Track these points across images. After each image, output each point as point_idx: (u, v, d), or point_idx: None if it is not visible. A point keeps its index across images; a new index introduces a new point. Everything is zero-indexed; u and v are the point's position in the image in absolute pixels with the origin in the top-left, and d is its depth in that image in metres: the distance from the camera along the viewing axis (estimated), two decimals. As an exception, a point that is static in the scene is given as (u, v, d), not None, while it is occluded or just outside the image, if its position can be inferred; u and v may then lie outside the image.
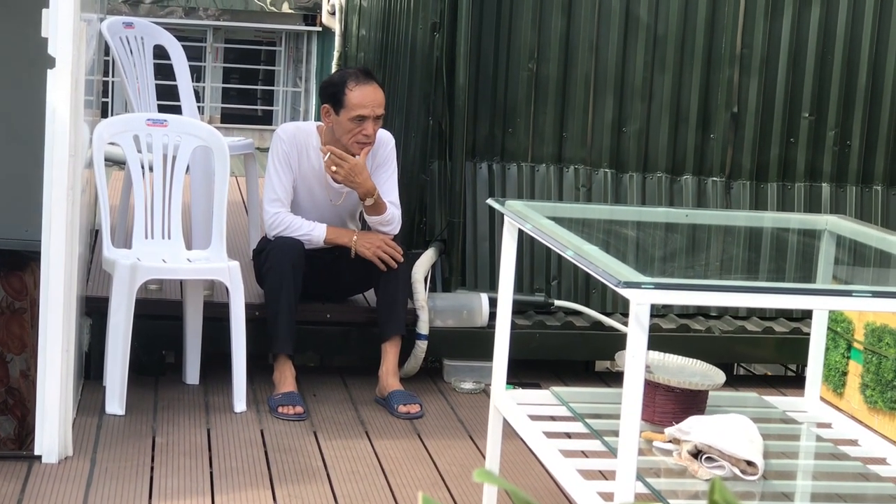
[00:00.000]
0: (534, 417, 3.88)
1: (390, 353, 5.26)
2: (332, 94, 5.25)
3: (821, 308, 4.18)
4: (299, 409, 5.04)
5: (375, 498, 4.28)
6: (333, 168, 5.12)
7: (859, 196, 6.22)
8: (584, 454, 3.65)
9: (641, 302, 3.01)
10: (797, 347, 5.59)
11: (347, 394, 5.36)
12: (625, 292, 3.04)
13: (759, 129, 6.13)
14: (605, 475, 3.37)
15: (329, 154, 5.13)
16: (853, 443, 3.92)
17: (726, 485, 3.51)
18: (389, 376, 5.24)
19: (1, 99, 6.53)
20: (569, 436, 3.77)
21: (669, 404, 3.75)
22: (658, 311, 5.64)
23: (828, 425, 4.05)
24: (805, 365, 4.37)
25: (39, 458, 4.40)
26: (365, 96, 5.16)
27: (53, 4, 4.31)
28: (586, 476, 3.42)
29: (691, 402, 3.78)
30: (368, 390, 5.31)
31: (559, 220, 3.87)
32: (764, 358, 6.07)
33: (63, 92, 4.34)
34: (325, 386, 5.40)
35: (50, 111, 4.34)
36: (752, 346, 5.90)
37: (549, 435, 3.74)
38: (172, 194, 5.27)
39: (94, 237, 5.74)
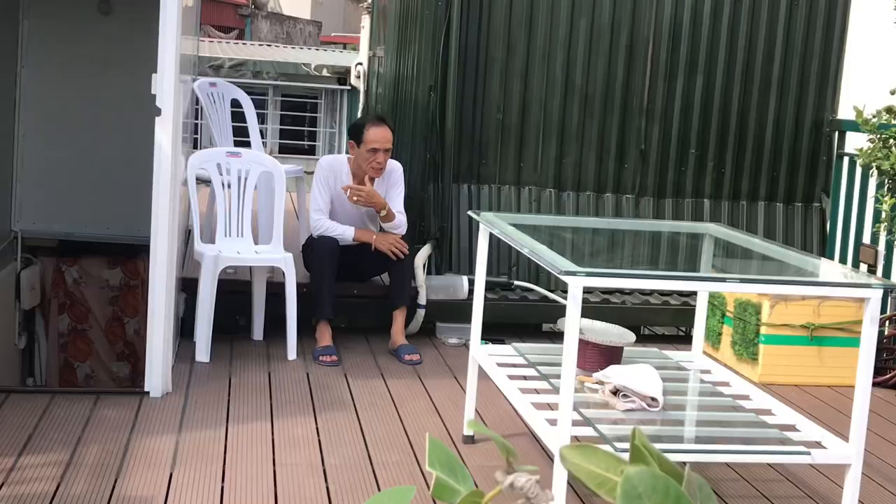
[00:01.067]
0: (500, 364, 3.89)
1: (399, 317, 5.28)
2: (355, 133, 5.28)
3: (702, 290, 4.19)
4: (334, 357, 5.04)
5: (388, 421, 4.28)
6: (355, 198, 5.15)
7: (730, 208, 6.23)
8: (536, 391, 3.65)
9: (576, 285, 3.02)
10: (686, 315, 5.61)
11: (369, 347, 5.36)
12: (564, 278, 3.04)
13: (659, 160, 6.13)
14: (551, 406, 3.37)
15: (349, 190, 5.14)
16: (726, 384, 3.93)
17: (636, 415, 3.51)
18: (398, 334, 5.26)
19: (122, 138, 6.53)
20: (525, 378, 3.78)
21: (595, 356, 3.76)
22: (587, 290, 5.64)
23: (708, 371, 4.07)
24: (692, 328, 4.38)
25: (148, 393, 4.40)
26: (377, 135, 5.17)
27: (160, 70, 4.30)
28: (537, 407, 3.44)
29: (611, 355, 3.79)
30: (383, 345, 5.32)
31: (518, 226, 3.88)
32: (663, 323, 6.08)
33: (167, 133, 4.33)
34: (352, 341, 5.40)
35: (157, 146, 4.33)
36: (654, 314, 5.91)
37: (511, 377, 3.75)
38: (244, 205, 5.27)
39: (187, 235, 5.73)
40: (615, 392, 3.43)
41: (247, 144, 6.49)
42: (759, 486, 3.87)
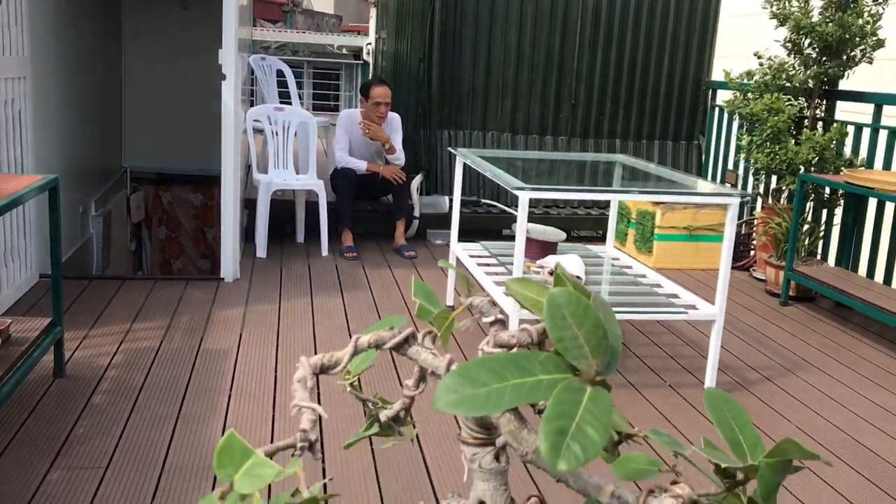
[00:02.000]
0: (471, 256, 3.90)
1: (399, 225, 5.25)
2: (364, 91, 5.19)
3: (613, 199, 4.19)
4: (355, 254, 5.04)
5: (392, 296, 4.30)
6: (367, 131, 5.09)
7: (634, 145, 6.19)
8: (497, 273, 3.67)
9: (524, 197, 3.01)
10: (602, 222, 5.62)
11: (379, 247, 5.36)
12: (515, 192, 3.03)
13: (584, 111, 6.06)
14: (507, 283, 3.39)
15: (363, 126, 5.09)
16: (630, 267, 3.96)
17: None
18: (399, 237, 5.24)
19: (200, 98, 6.42)
20: (489, 265, 3.80)
21: (537, 249, 3.77)
22: (532, 204, 5.64)
23: (617, 259, 4.09)
24: (606, 230, 4.39)
25: (223, 279, 4.40)
26: (380, 92, 5.09)
27: (225, 47, 4.21)
28: (497, 283, 3.45)
29: (549, 248, 3.80)
30: (389, 245, 5.31)
31: (483, 157, 3.84)
32: (586, 228, 6.08)
33: (230, 93, 4.25)
34: (367, 242, 5.39)
35: (224, 103, 4.26)
36: (580, 221, 5.91)
37: (479, 265, 3.77)
38: (288, 146, 5.20)
39: (247, 169, 5.68)
40: (551, 273, 3.45)
41: (288, 103, 6.39)
42: (652, 337, 3.94)
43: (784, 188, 4.89)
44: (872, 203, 4.52)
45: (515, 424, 0.71)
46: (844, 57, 4.71)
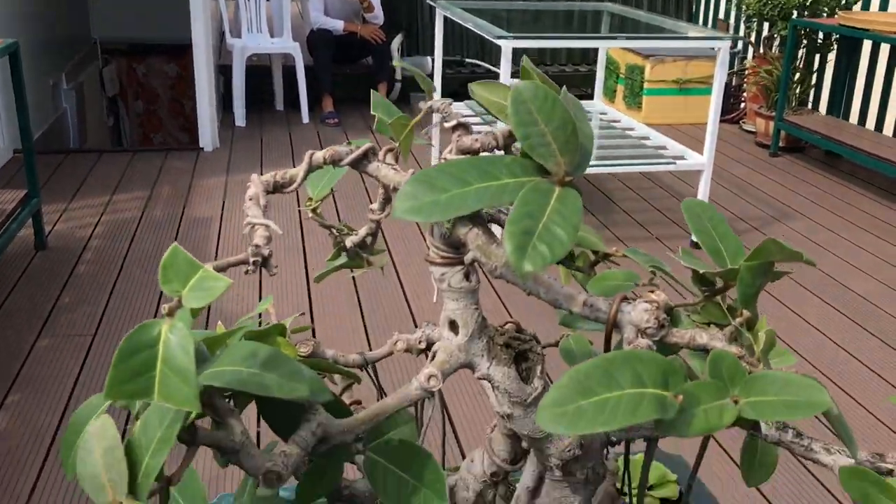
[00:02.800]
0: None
1: (381, 89, 5.10)
2: None
3: (602, 47, 4.06)
4: (336, 120, 4.93)
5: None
6: None
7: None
8: (481, 132, 3.59)
9: (507, 48, 2.90)
10: (591, 79, 5.45)
11: (360, 112, 5.24)
12: (497, 41, 2.92)
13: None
14: (492, 141, 3.33)
15: None
16: (618, 121, 3.88)
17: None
18: (382, 101, 5.11)
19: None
20: (473, 124, 3.72)
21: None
22: (517, 58, 5.46)
23: (605, 113, 4.01)
24: (594, 87, 4.28)
25: (203, 148, 4.31)
26: None
27: None
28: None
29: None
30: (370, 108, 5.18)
31: (466, 10, 3.68)
32: (574, 85, 5.92)
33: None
34: (349, 108, 5.26)
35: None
36: (568, 79, 5.76)
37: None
38: (261, 8, 4.98)
39: (221, 36, 5.45)
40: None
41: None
42: (640, 192, 3.91)
43: (776, 35, 4.74)
44: (867, 48, 4.40)
45: (483, 239, 0.67)
46: None
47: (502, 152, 0.64)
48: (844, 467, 0.70)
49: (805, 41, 4.54)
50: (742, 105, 5.21)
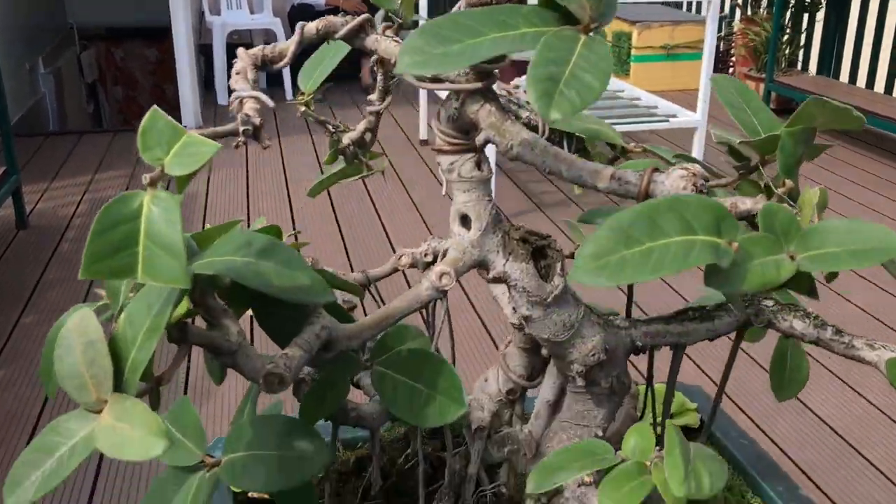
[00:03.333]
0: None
1: (366, 63, 5.03)
2: None
3: None
4: (321, 96, 4.85)
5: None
6: None
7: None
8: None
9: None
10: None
11: (344, 87, 5.15)
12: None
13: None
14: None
15: None
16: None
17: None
18: (367, 76, 5.04)
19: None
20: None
21: (510, 70, 3.61)
22: None
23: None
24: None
25: (186, 127, 4.22)
26: None
27: None
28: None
29: (522, 67, 3.64)
30: (357, 87, 5.10)
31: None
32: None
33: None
34: (335, 85, 5.17)
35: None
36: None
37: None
38: (240, -16, 4.89)
39: (200, 16, 5.35)
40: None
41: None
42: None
43: (764, -4, 4.69)
44: (856, 5, 4.35)
45: (497, 116, 0.61)
46: None
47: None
48: (893, 359, 0.64)
49: (793, 1, 4.49)
50: (731, 70, 5.16)
